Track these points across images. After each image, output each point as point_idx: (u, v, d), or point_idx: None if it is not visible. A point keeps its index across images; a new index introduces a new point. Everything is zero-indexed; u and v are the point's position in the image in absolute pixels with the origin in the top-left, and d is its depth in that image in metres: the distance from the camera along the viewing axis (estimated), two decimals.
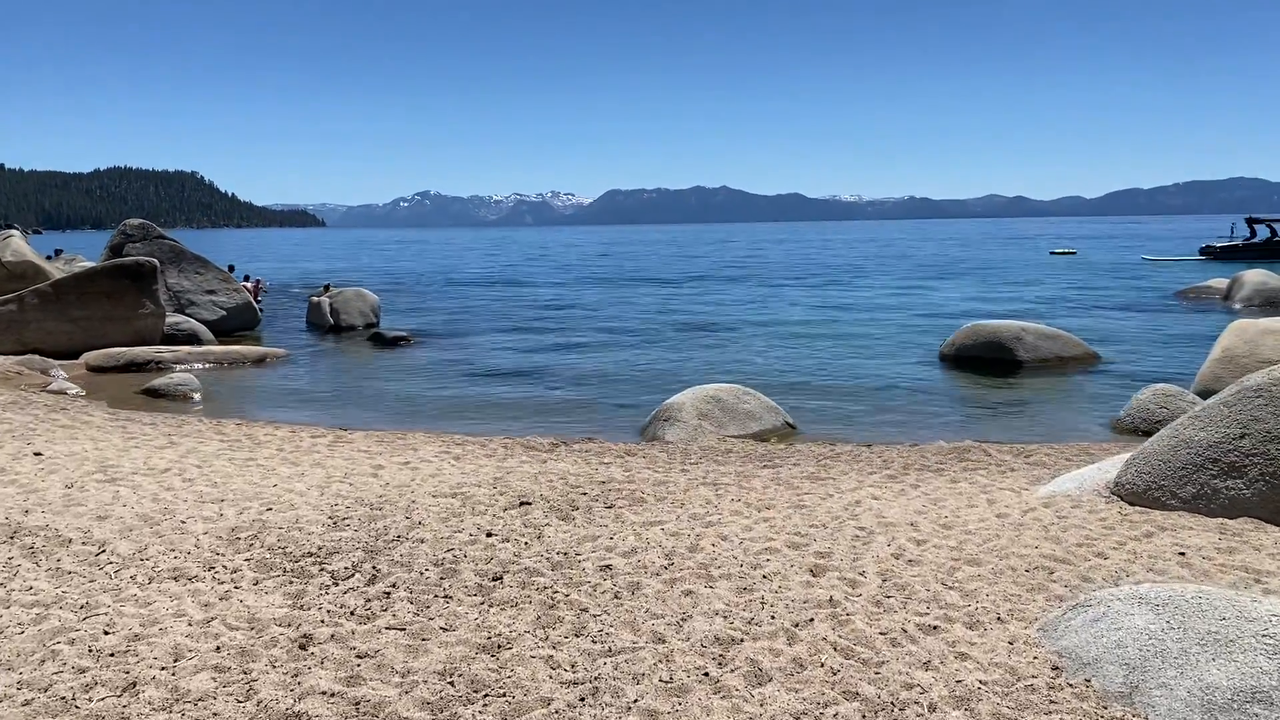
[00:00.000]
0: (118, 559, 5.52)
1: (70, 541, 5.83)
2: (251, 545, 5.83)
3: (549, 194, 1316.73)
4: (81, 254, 36.06)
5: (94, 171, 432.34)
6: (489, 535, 6.10)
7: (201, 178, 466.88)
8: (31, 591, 4.91)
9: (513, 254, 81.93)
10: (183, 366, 17.43)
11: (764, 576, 5.24)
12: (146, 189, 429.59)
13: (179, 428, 11.04)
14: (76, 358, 17.89)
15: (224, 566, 5.38)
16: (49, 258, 33.37)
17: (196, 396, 14.65)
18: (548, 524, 6.45)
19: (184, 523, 6.32)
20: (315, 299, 25.04)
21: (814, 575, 5.29)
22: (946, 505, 7.09)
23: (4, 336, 18.42)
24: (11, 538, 5.91)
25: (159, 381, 15.06)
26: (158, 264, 20.30)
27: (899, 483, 8.13)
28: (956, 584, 5.15)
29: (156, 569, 5.33)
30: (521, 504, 7.04)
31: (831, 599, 4.88)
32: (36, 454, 8.55)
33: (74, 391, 14.74)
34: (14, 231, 23.54)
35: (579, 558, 5.61)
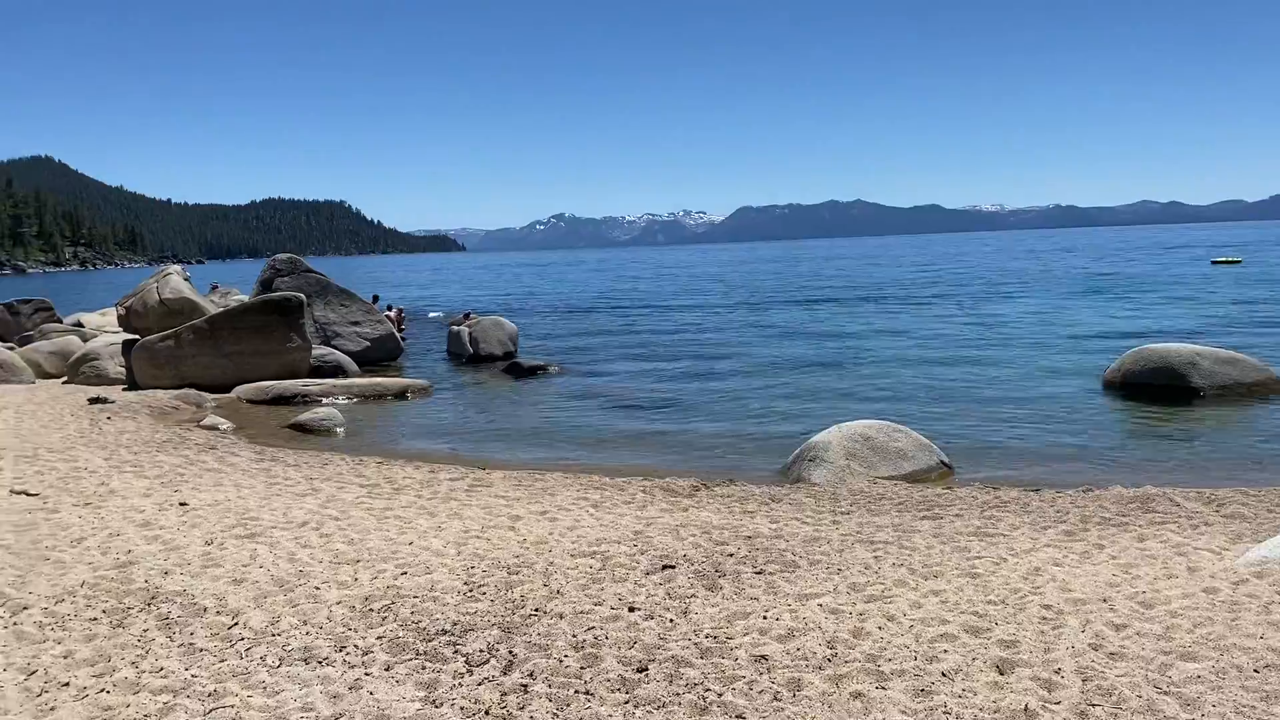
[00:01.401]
0: (250, 634, 5.31)
1: (205, 611, 5.68)
2: (384, 619, 5.55)
3: (680, 212, 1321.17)
4: (237, 287, 37.65)
5: (250, 203, 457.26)
6: (631, 610, 5.66)
7: (349, 206, 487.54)
8: (161, 674, 4.72)
9: (645, 275, 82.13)
10: (328, 400, 17.73)
11: (943, 674, 4.62)
12: (298, 218, 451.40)
13: (321, 469, 11.05)
14: (229, 391, 18.45)
15: (355, 646, 5.11)
16: (213, 288, 35.05)
17: (340, 432, 14.81)
18: (693, 594, 5.98)
19: (318, 589, 6.11)
20: (455, 328, 25.34)
21: (1001, 673, 4.64)
22: (1141, 574, 6.29)
23: (163, 371, 19.17)
24: (149, 604, 5.80)
25: (305, 417, 15.29)
26: (304, 299, 20.83)
27: (1079, 541, 7.32)
28: (1173, 688, 4.42)
29: (287, 648, 5.09)
30: (664, 568, 6.58)
31: (1027, 708, 4.23)
32: (182, 504, 8.59)
33: (225, 426, 15.10)
34: (174, 268, 24.68)
35: (730, 642, 5.11)
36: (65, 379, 20.56)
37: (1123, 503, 8.88)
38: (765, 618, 5.51)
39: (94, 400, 16.82)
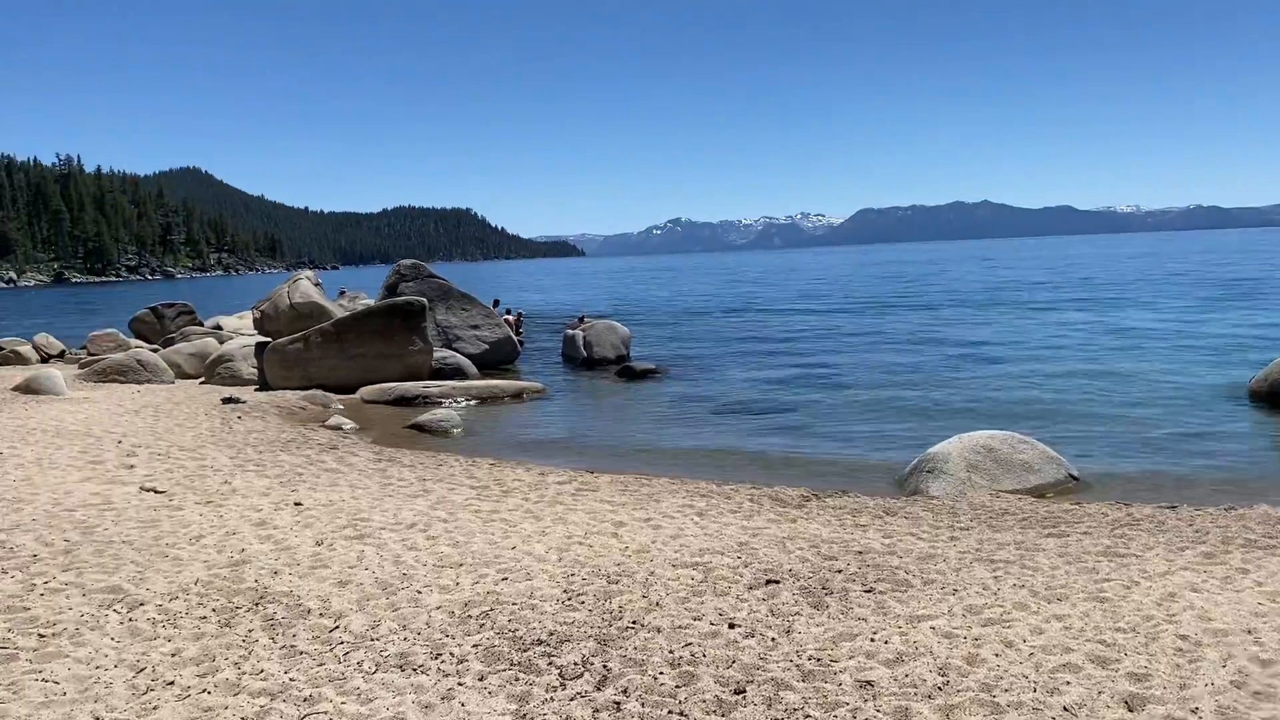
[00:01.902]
0: (350, 638, 5.34)
1: (309, 613, 5.75)
2: (482, 626, 5.51)
3: (798, 215, 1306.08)
4: (364, 291, 38.81)
5: (382, 211, 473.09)
6: (731, 626, 5.48)
7: (475, 214, 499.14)
8: (261, 676, 4.78)
9: (760, 278, 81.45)
10: (447, 401, 18.03)
11: (1065, 708, 4.29)
12: (427, 226, 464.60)
13: (435, 470, 11.20)
14: (354, 392, 18.97)
15: (451, 654, 5.07)
16: (341, 293, 36.25)
17: (456, 432, 15.02)
18: (798, 612, 5.75)
19: (419, 593, 6.12)
20: (570, 331, 25.53)
21: (1130, 710, 4.28)
22: None
23: (292, 373, 19.85)
24: (257, 604, 5.91)
25: (424, 418, 15.57)
26: (426, 303, 21.28)
27: (1220, 565, 6.78)
28: None
29: (384, 653, 5.09)
30: (768, 583, 6.37)
31: None
32: (297, 504, 8.80)
33: (348, 427, 15.49)
34: (304, 274, 25.61)
35: (834, 665, 4.87)
36: (203, 379, 21.49)
37: (1270, 523, 8.22)
38: (873, 640, 5.25)
39: (227, 400, 17.51)
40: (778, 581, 6.39)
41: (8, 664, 4.89)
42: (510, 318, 28.66)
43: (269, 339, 21.32)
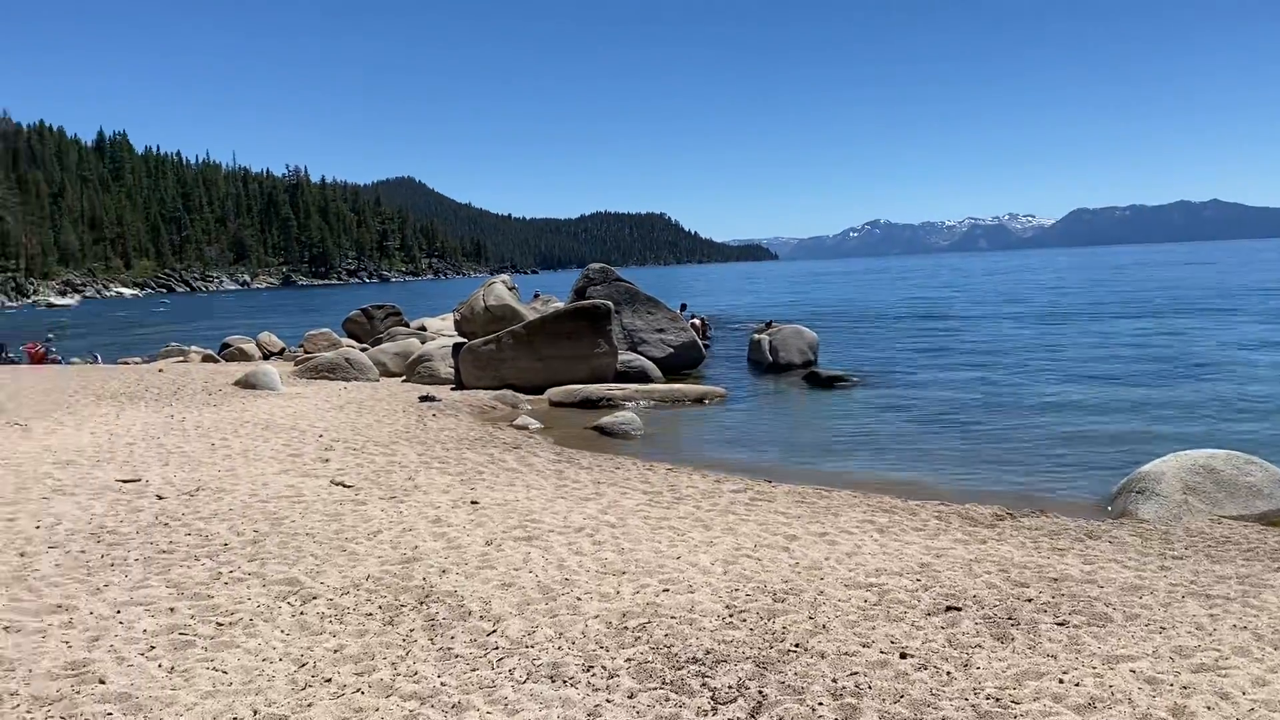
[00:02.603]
0: (506, 643, 5.29)
1: (470, 614, 5.74)
2: (638, 639, 5.34)
3: (1005, 216, 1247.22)
4: (556, 295, 39.77)
5: (580, 217, 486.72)
6: (903, 656, 5.07)
7: (668, 218, 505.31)
8: (414, 678, 4.77)
9: (962, 282, 78.16)
10: (630, 404, 18.10)
11: None
12: (622, 230, 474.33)
13: (611, 473, 11.17)
14: (542, 393, 19.36)
15: (603, 667, 4.92)
16: (536, 295, 37.29)
17: (637, 436, 15.01)
18: (979, 645, 5.27)
19: (579, 600, 6.02)
20: (756, 336, 25.20)
21: None
22: None
23: (485, 373, 20.47)
24: (422, 603, 5.96)
25: (605, 420, 15.66)
26: (612, 306, 21.49)
27: None
28: None
29: (537, 662, 4.99)
30: (948, 610, 5.89)
31: None
32: (473, 502, 8.93)
33: (534, 427, 15.78)
34: (499, 278, 26.46)
35: (1015, 707, 4.40)
36: (404, 378, 22.48)
37: None
38: (1062, 680, 4.72)
39: (423, 398, 18.22)
40: (959, 609, 5.90)
41: (184, 650, 5.10)
42: (696, 321, 28.61)
43: (466, 340, 22.10)
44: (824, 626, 5.55)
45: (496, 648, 5.22)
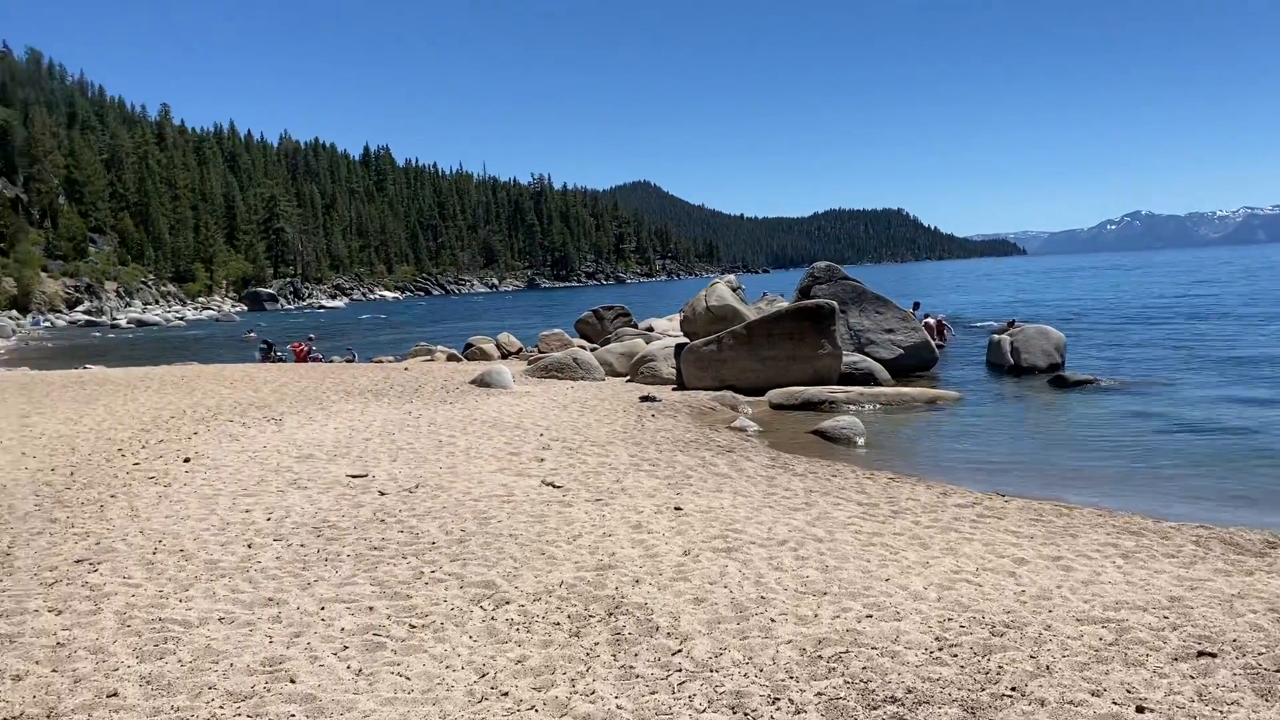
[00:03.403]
0: (690, 665, 5.00)
1: (656, 630, 5.51)
2: (832, 670, 4.91)
3: None
4: (782, 295, 39.19)
5: (812, 215, 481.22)
6: (1140, 710, 4.37)
7: (906, 213, 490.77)
8: (590, 698, 4.58)
9: (1233, 278, 70.74)
10: (854, 407, 17.43)
11: None
12: (857, 228, 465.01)
13: (825, 481, 10.68)
14: (763, 394, 18.99)
15: (790, 700, 4.53)
16: (763, 296, 36.91)
17: (860, 441, 14.37)
18: (1236, 700, 4.48)
19: (773, 621, 5.65)
20: (996, 336, 23.71)
21: None
22: None
23: (705, 373, 20.33)
24: (611, 614, 5.79)
25: (826, 424, 15.11)
26: (836, 306, 20.80)
27: None
28: None
29: (719, 689, 4.68)
30: (1201, 655, 5.08)
31: None
32: (677, 509, 8.72)
33: (752, 430, 15.45)
34: (724, 278, 26.31)
35: None
36: (628, 378, 22.73)
37: None
38: None
39: (644, 398, 18.29)
40: (1214, 654, 5.08)
41: (374, 653, 5.16)
42: (930, 321, 27.32)
43: (689, 340, 22.07)
44: (1047, 668, 4.90)
45: (679, 669, 4.94)
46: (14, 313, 77.80)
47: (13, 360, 40.56)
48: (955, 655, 5.11)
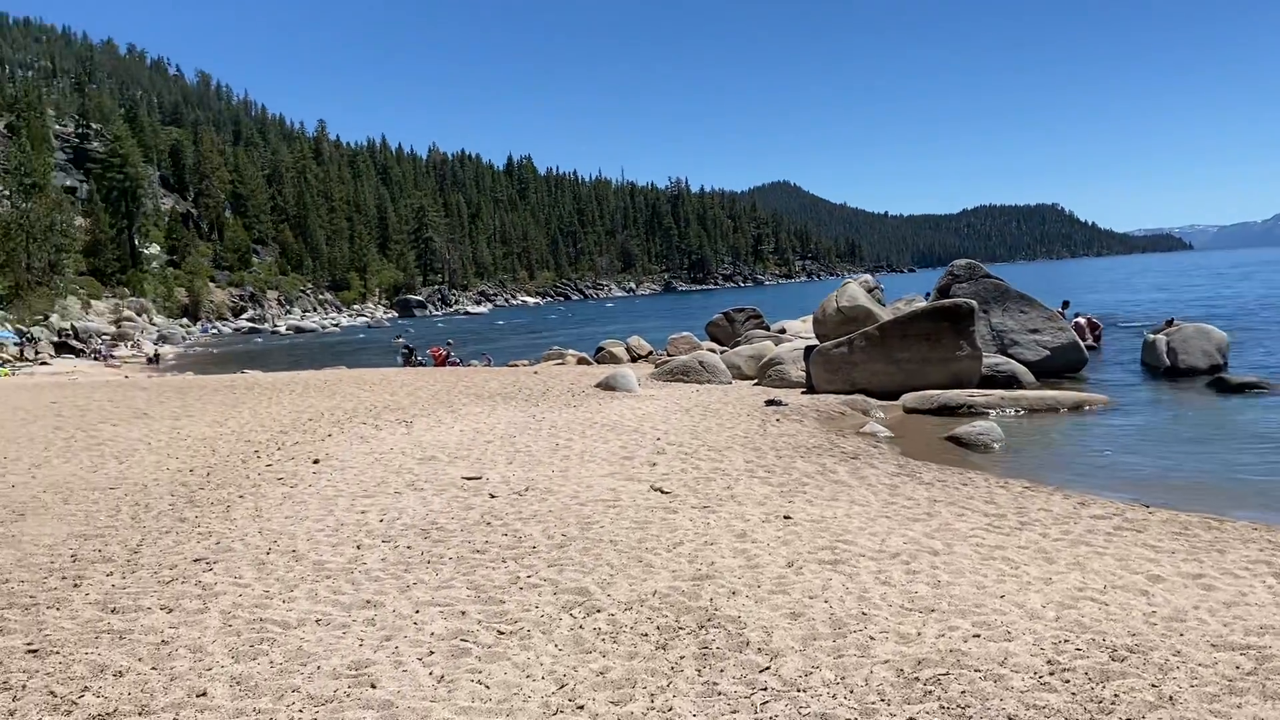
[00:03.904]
0: (777, 684, 4.77)
1: (746, 645, 5.28)
2: (928, 693, 4.59)
3: None
4: (924, 295, 38.01)
5: (961, 212, 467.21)
6: None
7: (1060, 209, 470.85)
8: (668, 715, 4.40)
9: None
10: (993, 412, 16.68)
11: None
12: (1008, 224, 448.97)
13: (954, 490, 10.18)
14: (897, 398, 18.39)
15: None
16: (903, 297, 35.89)
17: (996, 447, 13.71)
18: None
19: (872, 639, 5.35)
20: (1151, 336, 22.32)
21: None
22: None
23: (836, 376, 19.83)
24: (701, 627, 5.59)
25: (961, 430, 14.48)
26: (975, 306, 19.95)
27: None
28: None
29: (804, 712, 4.42)
30: None
31: None
32: (786, 517, 8.44)
33: (883, 435, 14.95)
34: (859, 277, 25.70)
35: None
36: (755, 381, 22.42)
37: None
38: None
39: (769, 402, 17.98)
40: None
41: (458, 659, 5.12)
42: (1081, 321, 25.98)
43: (820, 342, 21.59)
44: (1170, 699, 4.45)
45: (765, 688, 4.71)
46: (185, 320, 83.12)
47: (180, 365, 43.27)
48: (1067, 681, 4.71)
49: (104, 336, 58.94)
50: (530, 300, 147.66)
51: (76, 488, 10.30)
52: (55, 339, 54.05)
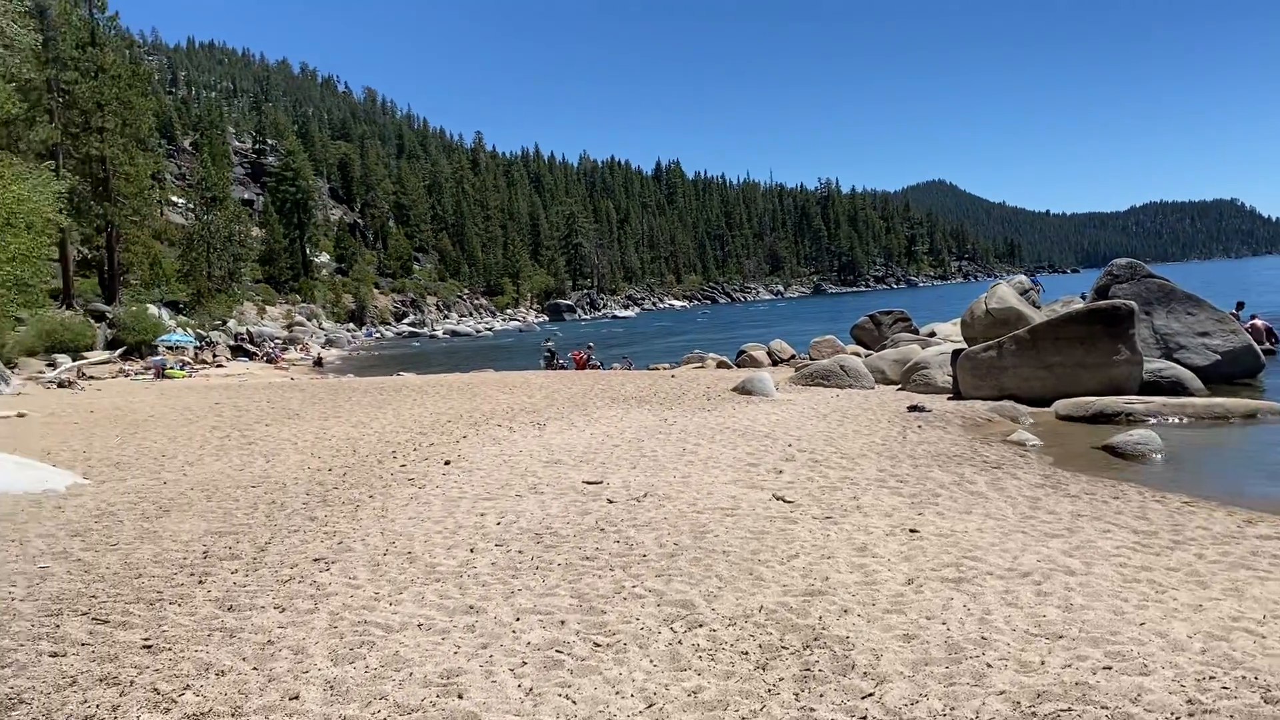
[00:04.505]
0: (878, 712, 4.44)
1: (851, 669, 4.98)
2: None
3: None
4: (1079, 296, 36.08)
5: (1129, 209, 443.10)
6: None
7: (1241, 204, 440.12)
8: None
9: None
10: (1154, 420, 15.59)
11: None
12: (1181, 221, 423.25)
13: (1102, 504, 9.48)
14: (1048, 405, 17.46)
15: None
16: (1061, 299, 34.17)
17: (1156, 458, 12.78)
18: None
19: (989, 667, 4.94)
20: None
21: None
22: None
23: (983, 381, 18.98)
24: (806, 647, 5.31)
25: (1118, 439, 13.57)
26: (1134, 308, 18.73)
27: None
28: None
29: None
30: None
31: None
32: (912, 531, 8.01)
33: (1031, 444, 14.17)
34: (1014, 278, 24.59)
35: None
36: (899, 386, 21.70)
37: None
38: None
39: (912, 408, 17.34)
40: None
41: (550, 671, 5.01)
42: (1258, 324, 24.08)
43: (968, 345, 20.74)
44: None
45: (865, 716, 4.41)
46: (351, 325, 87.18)
47: (342, 368, 45.31)
48: None
49: (276, 340, 62.33)
50: (677, 304, 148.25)
51: (222, 485, 10.80)
52: (232, 343, 57.49)
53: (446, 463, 12.04)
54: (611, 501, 9.25)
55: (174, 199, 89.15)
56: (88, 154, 49.51)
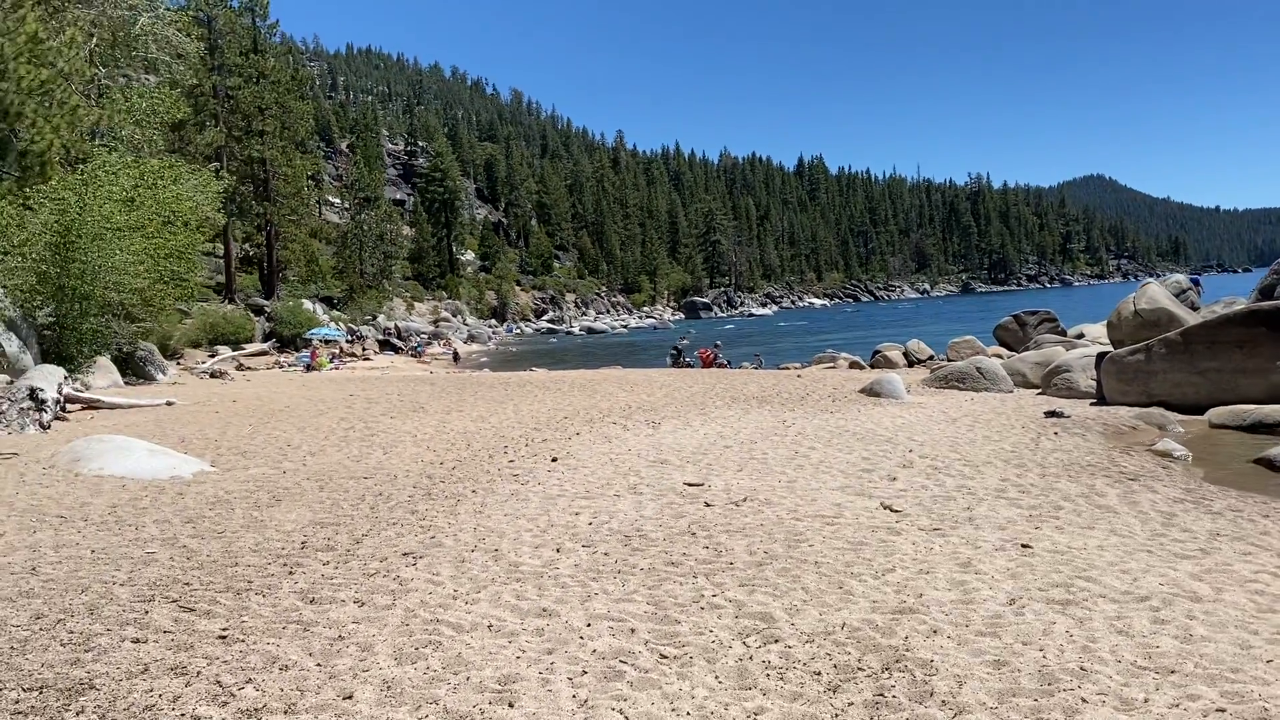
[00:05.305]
0: None
1: (929, 696, 4.61)
2: None
3: None
4: (1241, 295, 33.60)
5: None
6: None
7: None
8: None
9: None
10: None
11: None
12: None
13: (1246, 523, 8.67)
14: (1201, 413, 16.28)
15: None
16: (1222, 300, 31.92)
17: None
18: None
19: (1084, 702, 4.47)
20: None
21: None
22: None
23: (1130, 387, 17.85)
24: (885, 669, 4.96)
25: (1275, 451, 12.49)
26: None
27: None
28: None
29: None
30: None
31: None
32: (1024, 546, 7.47)
33: (1179, 454, 13.19)
34: (1171, 278, 23.04)
35: None
36: (1039, 390, 20.65)
37: None
38: None
39: (1049, 414, 16.44)
40: None
41: (609, 682, 4.82)
42: None
43: (1113, 348, 19.57)
44: None
45: None
46: (493, 321, 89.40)
47: (480, 363, 46.40)
48: None
49: (421, 335, 64.41)
50: (817, 302, 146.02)
51: (336, 475, 11.06)
52: (380, 337, 59.72)
53: (554, 459, 12.03)
54: (709, 505, 9.01)
55: (330, 199, 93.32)
56: (249, 156, 52.34)
